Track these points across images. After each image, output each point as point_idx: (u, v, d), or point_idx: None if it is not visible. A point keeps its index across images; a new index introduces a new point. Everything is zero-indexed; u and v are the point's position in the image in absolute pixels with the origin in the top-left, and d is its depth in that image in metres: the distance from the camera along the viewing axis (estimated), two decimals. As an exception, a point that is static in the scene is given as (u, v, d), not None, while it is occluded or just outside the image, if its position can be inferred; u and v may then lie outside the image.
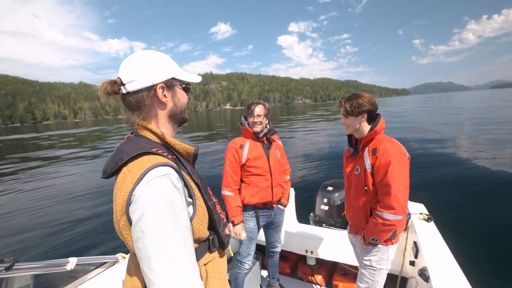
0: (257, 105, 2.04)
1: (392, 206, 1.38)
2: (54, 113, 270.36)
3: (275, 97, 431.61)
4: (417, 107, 42.77)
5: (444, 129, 15.32)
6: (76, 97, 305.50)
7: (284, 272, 2.78)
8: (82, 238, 4.42)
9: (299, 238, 2.52)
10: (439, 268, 1.59)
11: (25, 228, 4.89)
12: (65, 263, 1.36)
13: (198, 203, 0.77)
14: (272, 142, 2.17)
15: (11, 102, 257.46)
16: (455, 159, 8.38)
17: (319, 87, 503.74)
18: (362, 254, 1.65)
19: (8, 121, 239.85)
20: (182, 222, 0.66)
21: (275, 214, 2.21)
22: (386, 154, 1.42)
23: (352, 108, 1.53)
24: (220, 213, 0.87)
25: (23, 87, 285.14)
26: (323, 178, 3.29)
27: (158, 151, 0.73)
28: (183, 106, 0.86)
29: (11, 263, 1.09)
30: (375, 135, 1.53)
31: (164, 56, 0.82)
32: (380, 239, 1.50)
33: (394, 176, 1.38)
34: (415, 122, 19.84)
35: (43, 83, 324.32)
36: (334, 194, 2.81)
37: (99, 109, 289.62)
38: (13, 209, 6.11)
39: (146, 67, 0.76)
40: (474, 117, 20.96)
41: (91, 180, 8.61)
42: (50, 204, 6.37)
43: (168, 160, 0.72)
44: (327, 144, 12.53)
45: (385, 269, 1.60)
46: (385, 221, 1.40)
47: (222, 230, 0.85)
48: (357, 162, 1.60)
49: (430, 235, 2.00)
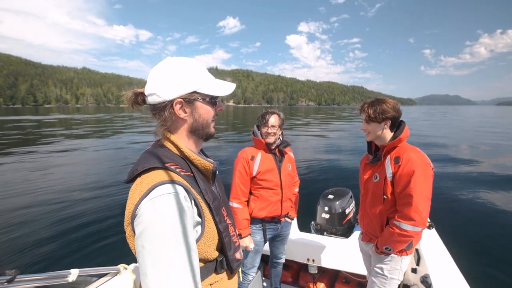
0: (272, 115, 1.95)
1: (412, 217, 1.34)
2: (56, 96, 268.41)
3: (279, 97, 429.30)
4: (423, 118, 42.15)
5: (446, 139, 16.00)
6: (79, 82, 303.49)
7: (286, 281, 2.76)
8: (83, 246, 4.21)
9: (301, 246, 2.51)
10: (441, 275, 1.57)
11: (27, 238, 4.50)
12: (66, 274, 1.36)
13: (207, 224, 0.76)
14: (284, 155, 2.10)
15: (13, 82, 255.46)
16: (456, 167, 8.56)
17: (324, 90, 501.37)
18: (375, 262, 1.62)
19: (9, 101, 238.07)
20: (185, 243, 0.63)
21: (282, 227, 2.17)
22: (410, 163, 1.37)
23: (375, 114, 1.48)
24: (233, 236, 0.84)
25: (25, 68, 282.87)
26: (324, 186, 3.43)
27: (171, 167, 0.72)
28: (205, 121, 0.82)
29: (13, 276, 1.09)
30: (398, 143, 1.48)
31: (189, 66, 0.78)
32: (394, 249, 1.47)
33: (417, 187, 1.34)
34: (418, 131, 20.78)
35: (46, 66, 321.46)
36: (335, 202, 2.81)
37: (101, 96, 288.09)
38: (12, 217, 5.36)
39: (166, 81, 0.75)
40: (479, 130, 22.39)
41: (94, 183, 7.51)
42: (48, 205, 5.79)
43: (179, 177, 0.71)
44: (328, 151, 12.36)
45: (397, 279, 1.57)
46: (402, 231, 1.37)
47: (232, 254, 0.83)
48: (377, 170, 1.56)
49: (431, 242, 1.97)
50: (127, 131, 21.19)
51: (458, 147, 12.98)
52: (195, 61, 0.80)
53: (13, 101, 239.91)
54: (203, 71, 0.81)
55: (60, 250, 4.06)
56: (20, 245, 4.22)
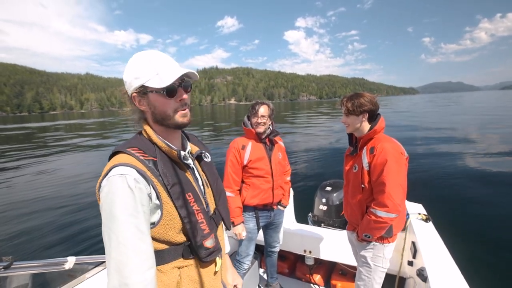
0: (261, 105, 2.01)
1: (385, 204, 1.39)
2: (61, 103, 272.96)
3: (280, 93, 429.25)
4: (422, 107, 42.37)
5: (446, 130, 15.29)
6: (82, 88, 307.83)
7: (282, 272, 2.78)
8: (80, 236, 4.37)
9: (298, 238, 2.53)
10: (437, 268, 1.60)
11: (23, 226, 4.86)
12: (63, 262, 1.36)
13: (165, 207, 0.79)
14: (275, 144, 2.16)
15: (19, 91, 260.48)
16: (453, 160, 8.41)
17: (325, 84, 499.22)
18: (359, 250, 1.68)
19: (16, 110, 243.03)
20: (130, 222, 0.69)
21: (275, 214, 2.22)
22: (383, 153, 1.43)
23: (353, 108, 1.54)
24: (201, 223, 0.85)
25: (31, 77, 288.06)
26: (322, 178, 3.34)
27: (132, 151, 0.78)
28: (162, 112, 0.82)
29: (10, 262, 1.09)
30: (374, 134, 1.54)
31: (139, 61, 0.80)
32: (372, 236, 1.52)
33: (390, 175, 1.39)
34: (420, 122, 19.74)
35: (50, 73, 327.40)
36: (333, 194, 2.82)
37: (105, 100, 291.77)
38: (11, 206, 6.00)
39: (124, 77, 0.82)
40: (481, 118, 20.89)
41: (90, 175, 8.50)
42: (48, 199, 6.29)
43: (136, 160, 0.76)
44: (326, 143, 12.39)
45: (381, 267, 1.61)
46: (377, 218, 1.43)
47: (199, 241, 0.84)
48: (356, 161, 1.63)
49: (428, 235, 2.01)
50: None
51: (456, 138, 12.23)
52: (149, 54, 0.81)
53: (20, 109, 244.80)
54: (154, 63, 0.80)
55: (58, 240, 4.21)
56: (18, 234, 4.41)
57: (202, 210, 0.87)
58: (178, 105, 0.82)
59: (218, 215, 0.98)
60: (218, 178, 1.04)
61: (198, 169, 0.97)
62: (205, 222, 0.86)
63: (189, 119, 0.86)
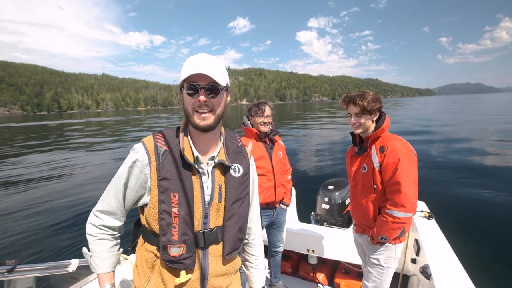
0: (266, 105, 2.04)
1: (403, 203, 1.36)
2: (78, 103, 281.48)
3: (292, 93, 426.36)
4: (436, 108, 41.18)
5: (452, 128, 15.66)
6: (98, 88, 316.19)
7: (286, 271, 2.77)
8: (84, 238, 4.06)
9: (301, 237, 2.52)
10: (441, 266, 1.57)
11: (27, 229, 4.73)
12: (67, 265, 1.36)
13: (152, 195, 0.85)
14: (275, 143, 2.17)
15: (39, 91, 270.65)
16: (456, 157, 8.48)
17: (338, 84, 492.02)
18: (370, 252, 1.62)
19: (36, 109, 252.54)
20: (118, 183, 0.88)
21: (277, 214, 2.21)
22: (394, 152, 1.40)
23: (370, 106, 1.48)
24: (173, 228, 0.83)
25: (50, 77, 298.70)
26: (324, 177, 3.36)
27: (156, 136, 0.90)
28: (185, 109, 0.86)
29: (13, 266, 1.09)
30: (381, 132, 1.51)
31: (186, 61, 0.84)
32: (389, 237, 1.48)
33: (404, 174, 1.36)
34: (424, 120, 20.60)
35: (68, 74, 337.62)
36: (335, 193, 2.82)
37: (120, 101, 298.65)
38: (14, 208, 5.91)
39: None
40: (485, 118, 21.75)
41: (95, 176, 8.35)
42: (51, 202, 6.17)
43: (152, 144, 0.87)
44: (328, 142, 12.38)
45: (393, 268, 1.58)
46: (395, 219, 1.39)
47: (164, 243, 0.84)
48: (364, 161, 1.57)
49: (431, 232, 1.99)
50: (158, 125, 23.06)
51: (463, 137, 12.46)
52: (196, 56, 0.85)
53: (39, 108, 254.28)
54: (191, 63, 0.82)
55: (62, 242, 4.26)
56: (22, 237, 4.42)
57: (181, 216, 0.83)
58: (197, 105, 0.83)
59: (216, 235, 0.91)
60: (242, 200, 0.96)
61: (215, 178, 0.91)
62: (178, 228, 0.83)
63: (207, 123, 0.84)
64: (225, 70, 0.87)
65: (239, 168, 0.95)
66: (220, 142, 0.94)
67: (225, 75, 0.85)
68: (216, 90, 0.83)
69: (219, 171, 0.92)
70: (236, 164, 0.95)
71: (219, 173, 0.92)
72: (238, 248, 0.97)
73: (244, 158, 0.99)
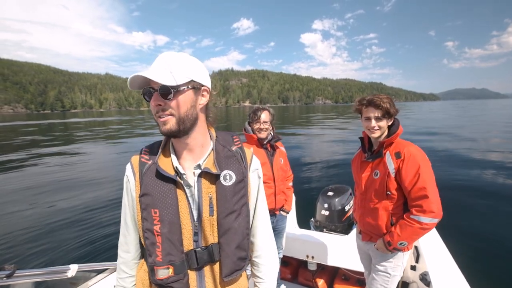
0: (263, 111, 2.02)
1: (432, 209, 1.34)
2: (82, 102, 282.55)
3: (295, 96, 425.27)
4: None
5: (450, 134, 15.47)
6: (102, 87, 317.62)
7: (285, 278, 2.75)
8: (83, 243, 4.24)
9: (300, 243, 2.51)
10: (440, 273, 1.56)
11: (25, 233, 4.62)
12: (66, 270, 1.35)
13: (137, 214, 0.79)
14: (276, 149, 2.16)
15: (43, 90, 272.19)
16: (456, 163, 8.42)
17: (341, 88, 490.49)
18: (378, 260, 1.59)
19: (40, 107, 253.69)
20: (124, 201, 0.84)
21: (277, 220, 2.20)
22: (412, 158, 1.39)
23: (393, 110, 1.46)
24: (157, 247, 0.75)
25: (54, 76, 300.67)
26: (324, 183, 3.45)
27: (143, 150, 0.85)
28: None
29: (12, 271, 1.08)
30: (396, 138, 1.48)
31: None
32: (409, 243, 1.46)
33: (427, 180, 1.36)
34: (424, 126, 20.40)
35: (72, 73, 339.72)
36: (335, 199, 2.82)
37: (123, 100, 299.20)
38: (13, 213, 5.59)
39: None
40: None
41: (94, 182, 7.69)
42: (52, 205, 5.92)
43: (136, 161, 0.82)
44: (328, 148, 12.34)
45: (398, 276, 1.57)
46: (422, 225, 1.36)
47: (150, 264, 0.77)
48: (377, 167, 1.54)
49: (431, 239, 1.97)
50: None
51: (464, 138, 12.71)
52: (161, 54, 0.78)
53: (43, 107, 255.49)
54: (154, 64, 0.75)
55: (61, 247, 4.13)
56: (21, 241, 4.29)
57: (164, 235, 0.75)
58: (155, 111, 0.75)
59: (211, 254, 0.80)
60: (237, 212, 0.81)
61: (201, 189, 0.80)
62: (161, 248, 0.75)
63: (167, 127, 0.74)
64: (189, 65, 0.75)
65: (231, 175, 0.81)
66: (208, 148, 0.84)
67: (182, 72, 0.73)
68: (167, 90, 0.71)
69: (207, 180, 0.80)
70: (227, 171, 0.81)
71: (207, 183, 0.80)
72: (239, 268, 0.84)
73: (238, 163, 0.84)
